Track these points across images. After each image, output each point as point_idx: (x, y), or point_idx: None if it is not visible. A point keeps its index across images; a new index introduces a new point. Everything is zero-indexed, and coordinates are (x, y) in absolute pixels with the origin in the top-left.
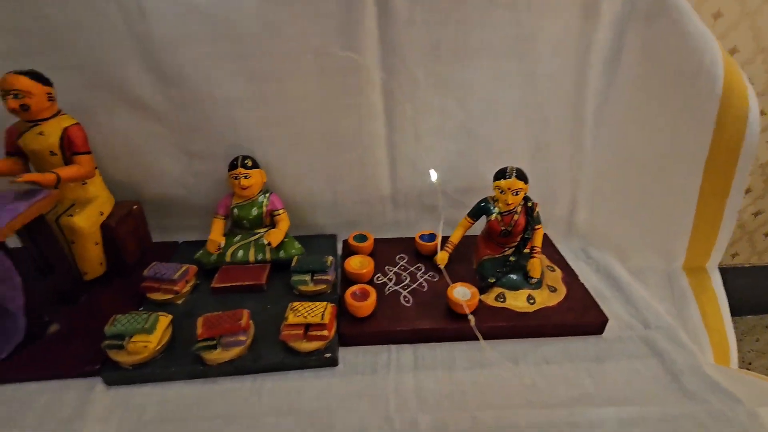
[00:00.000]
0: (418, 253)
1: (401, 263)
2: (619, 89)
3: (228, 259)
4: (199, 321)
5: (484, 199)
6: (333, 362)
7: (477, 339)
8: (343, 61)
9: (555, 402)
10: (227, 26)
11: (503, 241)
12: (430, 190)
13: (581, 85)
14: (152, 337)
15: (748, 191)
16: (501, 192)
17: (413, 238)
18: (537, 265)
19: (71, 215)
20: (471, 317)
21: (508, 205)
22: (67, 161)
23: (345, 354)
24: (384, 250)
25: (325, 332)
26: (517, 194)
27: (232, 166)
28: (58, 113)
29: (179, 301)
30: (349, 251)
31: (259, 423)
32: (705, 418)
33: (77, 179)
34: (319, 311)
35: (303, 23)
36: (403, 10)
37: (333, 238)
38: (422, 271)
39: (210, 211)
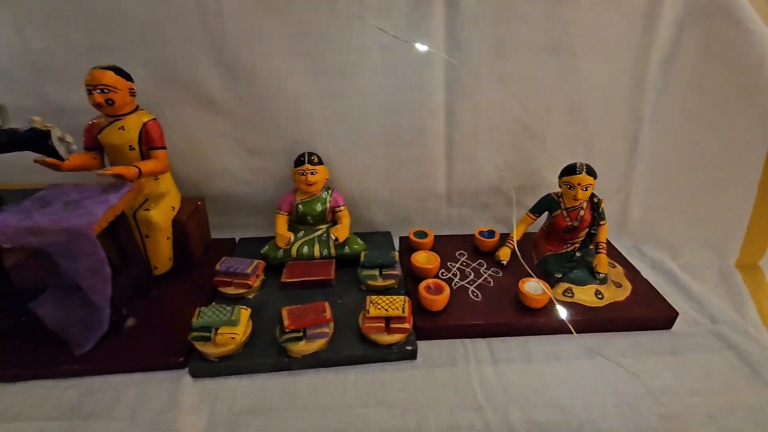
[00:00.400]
0: (476, 249)
1: (462, 259)
2: (677, 86)
3: (294, 254)
4: (284, 313)
5: (548, 195)
6: (413, 355)
7: (548, 333)
8: (408, 57)
9: (641, 393)
10: (298, 23)
11: (567, 237)
12: (486, 187)
13: (639, 82)
14: (238, 329)
15: None
16: (569, 188)
17: (471, 235)
18: (604, 260)
19: (147, 209)
20: (562, 309)
21: (576, 200)
22: (144, 156)
23: (421, 347)
24: (443, 247)
25: (406, 325)
26: (586, 190)
27: (299, 162)
28: (137, 108)
29: (251, 296)
30: (408, 248)
31: (350, 414)
32: None
33: (155, 173)
34: (399, 304)
35: (371, 19)
36: (471, 5)
37: (388, 235)
38: (484, 267)
39: (267, 209)
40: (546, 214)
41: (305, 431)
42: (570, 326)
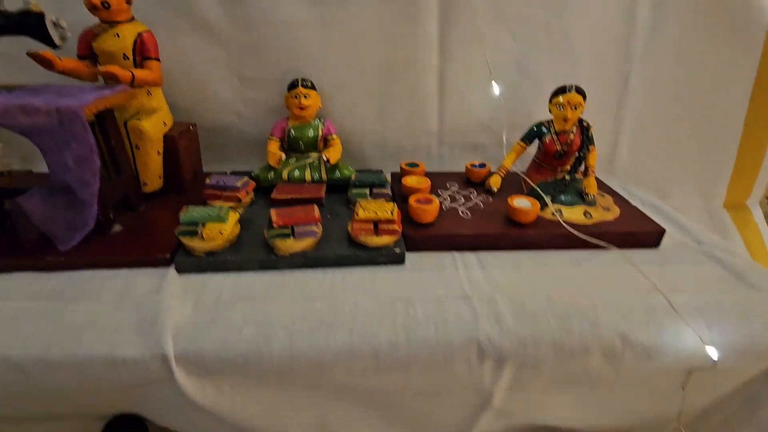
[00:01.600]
0: (468, 181)
1: (452, 189)
2: (667, 25)
3: (285, 178)
4: (273, 212)
5: (539, 123)
6: (401, 258)
7: (537, 248)
8: None
9: (628, 290)
10: None
11: (557, 163)
12: (477, 127)
13: (629, 20)
14: (226, 225)
15: None
16: (559, 108)
17: (462, 172)
18: (593, 182)
19: (139, 119)
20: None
21: (565, 121)
22: (138, 67)
23: (410, 257)
24: (434, 180)
25: (394, 226)
26: (575, 109)
27: (292, 85)
28: (132, 19)
29: (240, 210)
30: (400, 180)
31: (338, 301)
32: None
33: (148, 83)
34: (389, 208)
35: None
36: None
37: (380, 172)
38: (475, 194)
39: (259, 143)
40: (538, 147)
41: (292, 316)
42: (561, 221)
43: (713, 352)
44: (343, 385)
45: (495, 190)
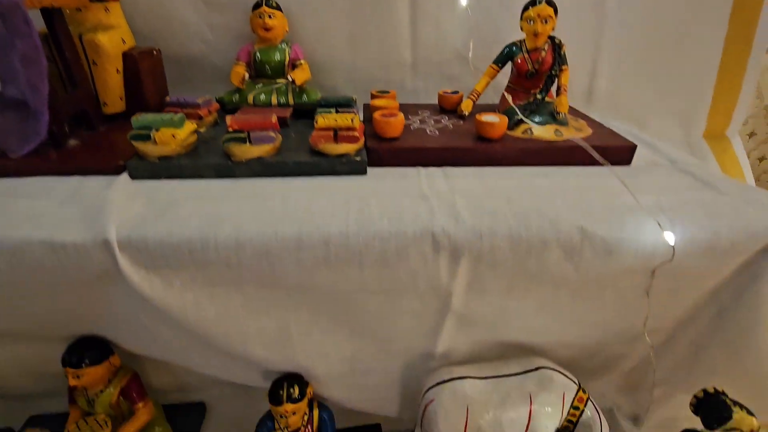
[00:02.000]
0: (441, 110)
1: (423, 115)
2: None
3: (250, 102)
4: (228, 118)
5: (510, 44)
6: (362, 168)
7: (507, 165)
8: None
9: (593, 192)
10: None
11: (529, 84)
12: (452, 57)
13: None
14: (179, 131)
15: (751, 135)
16: (529, 22)
17: (435, 104)
18: (564, 100)
19: (95, 33)
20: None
21: (536, 36)
22: None
23: (374, 171)
24: (406, 109)
25: (355, 133)
26: (546, 23)
27: (257, 5)
28: None
29: (202, 129)
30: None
31: (293, 200)
32: (741, 203)
33: None
34: (349, 117)
35: None
36: None
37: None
38: (446, 119)
39: (227, 73)
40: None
41: (242, 210)
42: (591, 149)
43: (670, 238)
44: (297, 286)
45: (466, 113)
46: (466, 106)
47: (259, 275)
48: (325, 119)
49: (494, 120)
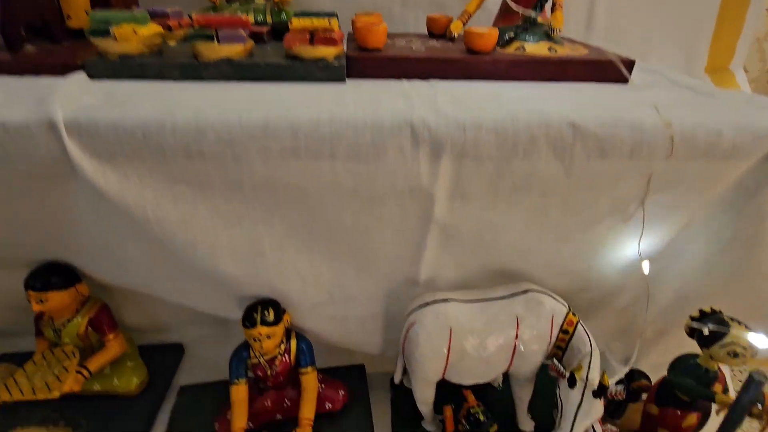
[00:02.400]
0: (430, 35)
1: (411, 38)
2: None
3: None
4: (194, 14)
5: None
6: (341, 75)
7: (497, 80)
8: None
9: (588, 94)
10: None
11: (523, 3)
12: None
13: None
14: (143, 28)
15: None
16: None
17: (424, 33)
18: (559, 16)
19: None
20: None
21: None
22: None
23: (353, 82)
24: (392, 37)
25: (333, 35)
26: None
27: None
28: None
29: (171, 42)
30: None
31: (260, 91)
32: (745, 106)
33: None
34: (326, 20)
35: None
36: None
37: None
38: (435, 41)
39: None
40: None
41: (203, 98)
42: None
43: (669, 125)
44: (266, 183)
45: (456, 35)
46: (456, 27)
47: (223, 169)
48: (300, 21)
49: (483, 30)
